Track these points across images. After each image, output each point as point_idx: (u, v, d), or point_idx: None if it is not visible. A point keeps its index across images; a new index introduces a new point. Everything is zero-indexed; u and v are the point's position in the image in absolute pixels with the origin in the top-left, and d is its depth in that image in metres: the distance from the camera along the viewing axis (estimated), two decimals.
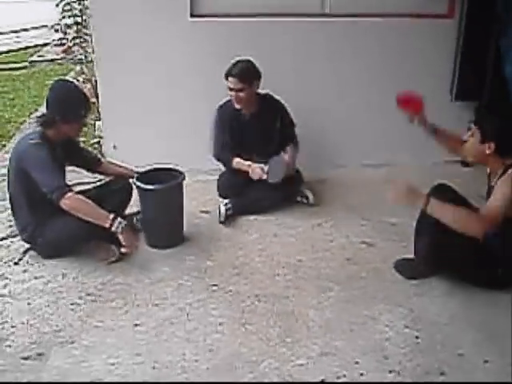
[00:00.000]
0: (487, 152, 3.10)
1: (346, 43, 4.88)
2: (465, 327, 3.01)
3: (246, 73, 4.13)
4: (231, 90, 4.15)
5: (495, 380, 2.65)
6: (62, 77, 7.15)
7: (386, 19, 4.83)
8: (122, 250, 3.48)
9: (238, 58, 4.19)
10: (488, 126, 3.09)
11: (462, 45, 4.90)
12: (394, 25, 4.86)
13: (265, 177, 4.06)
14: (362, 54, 4.93)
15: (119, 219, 3.41)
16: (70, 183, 3.56)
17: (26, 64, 10.47)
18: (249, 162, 4.18)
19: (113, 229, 3.38)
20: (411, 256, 3.50)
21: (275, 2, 4.74)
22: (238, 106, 4.23)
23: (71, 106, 3.49)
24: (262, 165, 4.12)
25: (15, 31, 14.23)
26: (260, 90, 4.29)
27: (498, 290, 3.26)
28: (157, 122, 4.85)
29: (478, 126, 3.13)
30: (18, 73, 9.78)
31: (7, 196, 3.68)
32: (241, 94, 4.15)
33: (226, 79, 4.13)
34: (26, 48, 12.18)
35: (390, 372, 2.69)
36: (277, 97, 4.38)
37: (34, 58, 10.95)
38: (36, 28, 14.25)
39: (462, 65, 4.95)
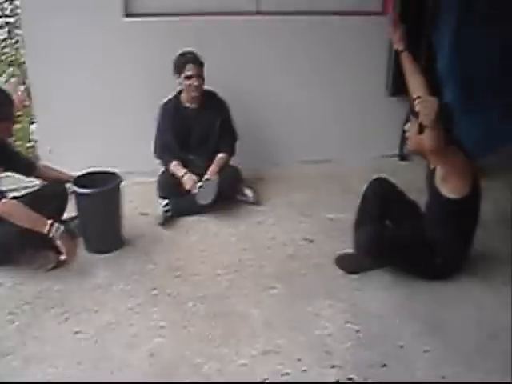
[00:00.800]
0: None
1: (282, 41, 4.89)
2: (406, 319, 3.06)
3: (200, 58, 4.21)
4: (190, 77, 4.18)
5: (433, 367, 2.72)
6: None
7: (321, 17, 4.87)
8: (61, 257, 3.41)
9: (182, 50, 4.22)
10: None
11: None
12: (330, 22, 4.90)
13: (195, 191, 4.06)
14: (299, 51, 4.95)
15: (57, 224, 3.34)
16: (3, 189, 3.46)
17: None
18: (184, 170, 4.19)
19: (51, 234, 3.31)
20: (351, 251, 3.54)
21: (211, 1, 4.71)
22: (194, 94, 4.26)
23: None
24: (195, 178, 4.13)
25: None
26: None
27: (437, 281, 3.34)
28: (93, 124, 4.75)
29: (415, 117, 3.16)
30: None
31: None
32: (199, 81, 4.20)
33: (183, 67, 4.16)
34: None
35: (333, 367, 2.72)
36: (219, 95, 4.40)
37: None
38: None
39: (396, 61, 5.01)
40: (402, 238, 3.38)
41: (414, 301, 3.21)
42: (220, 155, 4.32)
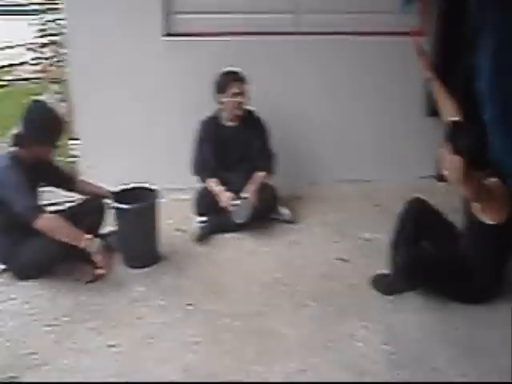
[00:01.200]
0: None
1: (321, 60, 4.92)
2: (440, 342, 3.02)
3: (244, 77, 4.25)
4: (236, 94, 4.22)
5: None
6: (38, 97, 7.10)
7: (359, 37, 4.88)
8: (98, 271, 3.47)
9: (225, 70, 4.28)
10: (459, 141, 3.11)
11: (434, 61, 4.96)
12: (368, 42, 4.90)
13: (231, 209, 4.08)
14: (336, 70, 4.97)
15: (95, 239, 3.41)
16: (43, 203, 3.53)
17: (2, 83, 10.41)
18: (221, 188, 4.19)
19: (88, 250, 3.37)
20: (387, 271, 3.51)
21: (248, 21, 4.76)
22: (238, 113, 4.30)
23: (45, 128, 3.48)
24: (232, 196, 4.14)
25: None
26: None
27: (473, 304, 3.29)
28: (133, 141, 4.84)
29: (449, 141, 3.16)
30: None
31: None
32: (244, 99, 4.24)
33: (228, 85, 4.20)
34: (2, 67, 12.12)
35: None
36: (257, 114, 4.45)
37: (10, 77, 10.89)
38: (11, 47, 14.19)
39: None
40: (438, 261, 3.34)
41: (450, 324, 3.17)
42: (258, 174, 4.33)
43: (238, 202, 4.08)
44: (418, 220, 3.50)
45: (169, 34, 4.70)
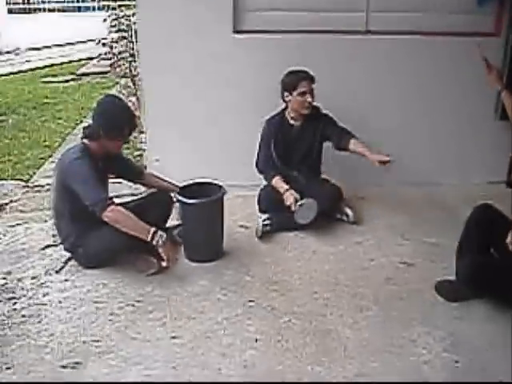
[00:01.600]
0: None
1: (391, 60, 4.87)
2: (505, 353, 2.92)
3: (312, 75, 4.24)
4: (304, 94, 4.20)
5: None
6: (104, 91, 7.29)
7: (431, 37, 4.80)
8: (162, 263, 3.52)
9: (293, 69, 4.27)
10: None
11: (508, 63, 4.83)
12: (439, 43, 4.81)
13: (295, 209, 4.05)
14: (406, 72, 4.91)
15: (160, 233, 3.46)
16: (112, 195, 3.61)
17: (74, 76, 10.74)
18: (285, 186, 4.18)
19: (153, 242, 3.43)
20: (452, 277, 3.43)
21: (318, 19, 4.74)
22: (306, 111, 4.28)
23: (117, 122, 3.55)
24: (297, 195, 4.11)
25: (63, 45, 14.66)
26: None
27: None
28: (200, 137, 4.89)
29: None
30: (66, 85, 10.03)
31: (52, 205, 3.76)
32: (312, 98, 4.22)
33: (297, 84, 4.19)
34: (77, 61, 12.52)
35: None
36: (324, 111, 4.42)
37: (82, 70, 11.22)
38: (83, 42, 14.62)
39: (508, 83, 4.86)
40: (504, 270, 3.24)
41: None
42: (352, 141, 4.21)
43: (303, 201, 4.06)
44: (486, 227, 3.40)
45: (239, 31, 4.73)
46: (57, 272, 3.65)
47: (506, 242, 3.05)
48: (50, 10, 18.96)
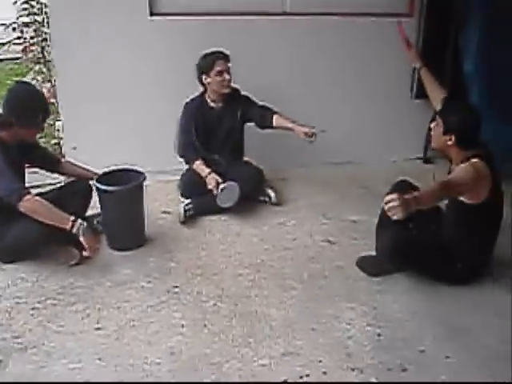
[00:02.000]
0: (448, 143, 3.18)
1: (309, 41, 4.90)
2: (427, 323, 3.04)
3: (227, 54, 4.22)
4: (221, 73, 4.18)
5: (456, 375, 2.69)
6: (22, 78, 7.02)
7: (346, 18, 4.86)
8: (84, 253, 3.44)
9: (206, 51, 4.24)
10: (450, 118, 3.17)
11: (421, 43, 4.96)
12: (355, 23, 4.90)
13: (216, 192, 4.06)
14: (324, 51, 4.96)
15: (80, 221, 3.37)
16: (28, 185, 3.50)
17: None
18: (207, 170, 4.18)
19: (74, 231, 3.34)
20: (373, 253, 3.52)
21: (235, 1, 4.72)
22: (226, 91, 4.26)
23: (29, 110, 3.42)
24: (219, 179, 4.12)
25: None
26: None
27: (459, 285, 3.31)
28: (117, 122, 4.78)
29: (441, 117, 3.20)
30: None
31: None
32: (230, 76, 4.20)
33: (213, 64, 4.17)
34: None
35: (353, 370, 2.70)
36: (242, 92, 4.42)
37: None
38: None
39: (422, 62, 5.00)
40: (422, 242, 3.35)
41: (436, 305, 3.19)
42: (275, 116, 4.26)
43: (225, 185, 4.05)
44: None
45: (155, 14, 4.64)
46: None
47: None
48: None
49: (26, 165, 3.75)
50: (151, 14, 4.62)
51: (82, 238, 3.37)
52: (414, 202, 2.83)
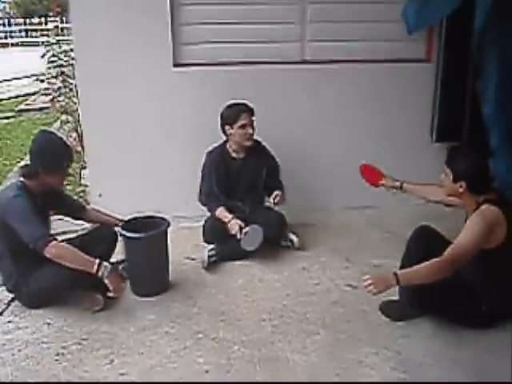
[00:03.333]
0: (460, 190, 3.20)
1: (328, 88, 4.98)
2: (451, 368, 3.00)
3: (251, 107, 4.28)
4: (244, 126, 4.24)
5: None
6: (45, 127, 7.20)
7: (365, 64, 4.94)
8: (109, 294, 3.49)
9: (230, 102, 4.31)
10: (458, 166, 3.20)
11: (440, 87, 5.02)
12: (374, 70, 4.97)
13: (240, 237, 4.09)
14: (343, 98, 5.03)
15: (105, 264, 3.43)
16: (54, 232, 3.56)
17: (14, 113, 10.57)
18: (230, 216, 4.22)
19: (99, 274, 3.39)
20: (396, 298, 3.50)
21: (256, 51, 4.84)
22: (248, 143, 4.32)
23: (53, 157, 3.52)
24: (242, 223, 4.15)
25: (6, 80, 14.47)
26: None
27: (482, 329, 3.27)
28: (142, 170, 4.89)
29: (449, 166, 3.22)
30: (5, 121, 9.87)
31: None
32: (253, 130, 4.27)
33: (237, 117, 4.23)
34: (16, 97, 12.32)
35: None
36: (264, 143, 4.48)
37: (21, 107, 11.06)
38: (19, 78, 14.43)
39: (441, 107, 5.05)
40: (446, 288, 3.33)
41: (460, 349, 3.15)
42: (276, 192, 4.30)
43: (249, 228, 4.09)
44: (426, 247, 3.50)
45: (178, 65, 4.77)
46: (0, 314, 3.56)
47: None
48: None
49: (51, 212, 3.83)
50: (175, 65, 4.75)
51: (107, 280, 3.42)
52: (394, 280, 3.00)
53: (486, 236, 3.07)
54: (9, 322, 3.48)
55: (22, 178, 3.54)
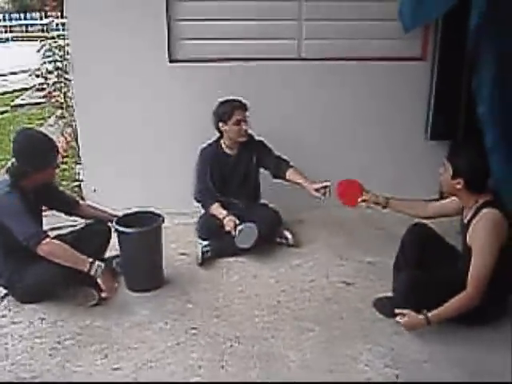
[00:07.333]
0: (457, 187, 3.20)
1: (323, 85, 4.98)
2: (445, 365, 3.01)
3: (245, 103, 4.28)
4: (239, 122, 4.24)
5: None
6: (43, 123, 7.19)
7: (361, 62, 4.95)
8: (102, 294, 3.48)
9: (224, 99, 4.31)
10: (458, 163, 3.19)
11: (435, 85, 5.02)
12: (369, 68, 4.97)
13: (235, 234, 4.08)
14: (338, 96, 5.03)
15: (98, 263, 3.42)
16: (47, 228, 3.55)
17: (8, 108, 10.53)
18: (225, 212, 4.21)
19: (91, 272, 3.39)
20: (390, 294, 3.51)
21: (253, 48, 4.83)
22: (243, 139, 4.33)
23: (40, 154, 3.48)
24: (236, 220, 4.14)
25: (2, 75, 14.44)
26: None
27: (478, 326, 3.28)
28: (136, 166, 4.89)
29: (450, 162, 3.23)
30: (0, 116, 9.83)
31: None
32: (247, 126, 4.27)
33: (232, 113, 4.22)
34: (12, 92, 12.29)
35: None
36: (257, 137, 4.48)
37: (17, 101, 11.02)
38: (15, 73, 14.39)
39: (436, 105, 5.06)
40: (439, 284, 3.34)
41: (454, 346, 3.16)
42: (289, 171, 4.31)
43: (243, 226, 4.09)
44: (420, 244, 3.52)
45: (174, 61, 4.77)
46: None
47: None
48: None
49: (44, 207, 3.81)
50: (170, 61, 4.74)
51: (99, 280, 3.41)
52: (425, 323, 3.11)
53: (499, 248, 3.08)
54: (2, 316, 3.48)
55: (12, 178, 3.49)
